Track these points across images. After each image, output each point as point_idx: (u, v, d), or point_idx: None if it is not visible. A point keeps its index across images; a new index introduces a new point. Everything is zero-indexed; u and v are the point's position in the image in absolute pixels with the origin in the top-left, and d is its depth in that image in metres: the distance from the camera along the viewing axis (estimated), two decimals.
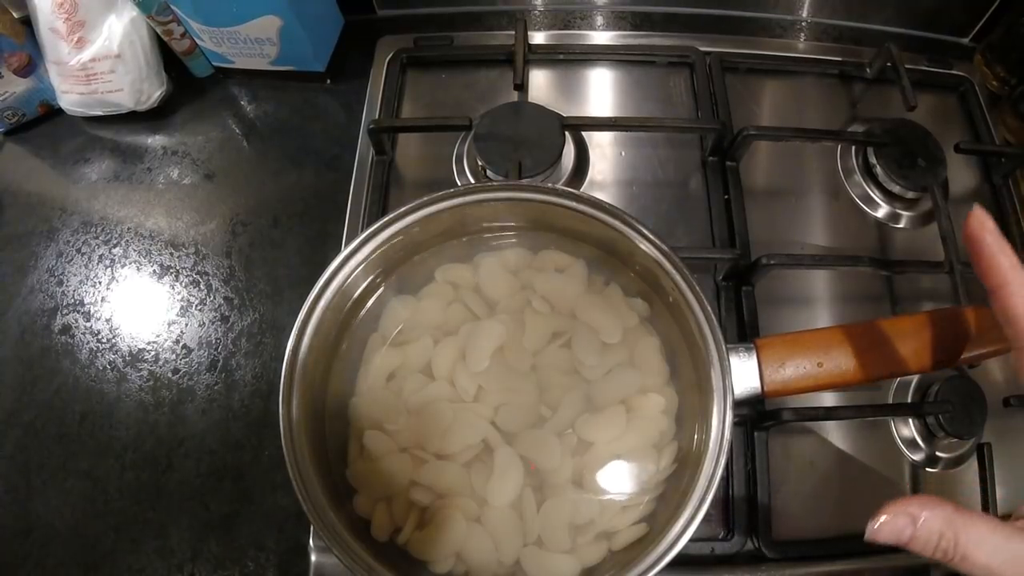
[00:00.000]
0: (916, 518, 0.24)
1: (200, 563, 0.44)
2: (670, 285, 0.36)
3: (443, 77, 0.57)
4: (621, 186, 0.53)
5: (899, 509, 0.24)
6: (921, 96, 0.52)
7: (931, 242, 0.49)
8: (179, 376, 0.49)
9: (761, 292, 0.48)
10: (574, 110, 0.52)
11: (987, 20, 0.59)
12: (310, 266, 0.52)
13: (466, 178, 0.52)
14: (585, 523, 0.36)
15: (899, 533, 0.24)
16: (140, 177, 0.57)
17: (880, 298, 0.49)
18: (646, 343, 0.39)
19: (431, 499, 0.36)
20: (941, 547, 0.24)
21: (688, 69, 0.57)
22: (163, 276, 0.53)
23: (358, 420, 0.38)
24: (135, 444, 0.47)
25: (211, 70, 0.60)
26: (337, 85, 0.60)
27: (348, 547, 0.32)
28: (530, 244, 0.42)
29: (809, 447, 0.45)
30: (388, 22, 0.62)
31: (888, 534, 0.24)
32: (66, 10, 0.54)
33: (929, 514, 0.24)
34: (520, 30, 0.54)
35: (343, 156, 0.55)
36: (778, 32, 0.62)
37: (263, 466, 0.46)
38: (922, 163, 0.50)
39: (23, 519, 0.45)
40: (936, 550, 0.24)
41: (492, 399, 0.38)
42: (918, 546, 0.24)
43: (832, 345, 0.34)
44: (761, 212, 0.51)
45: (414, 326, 0.40)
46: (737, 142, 0.50)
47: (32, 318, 0.52)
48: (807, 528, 0.43)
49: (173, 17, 0.54)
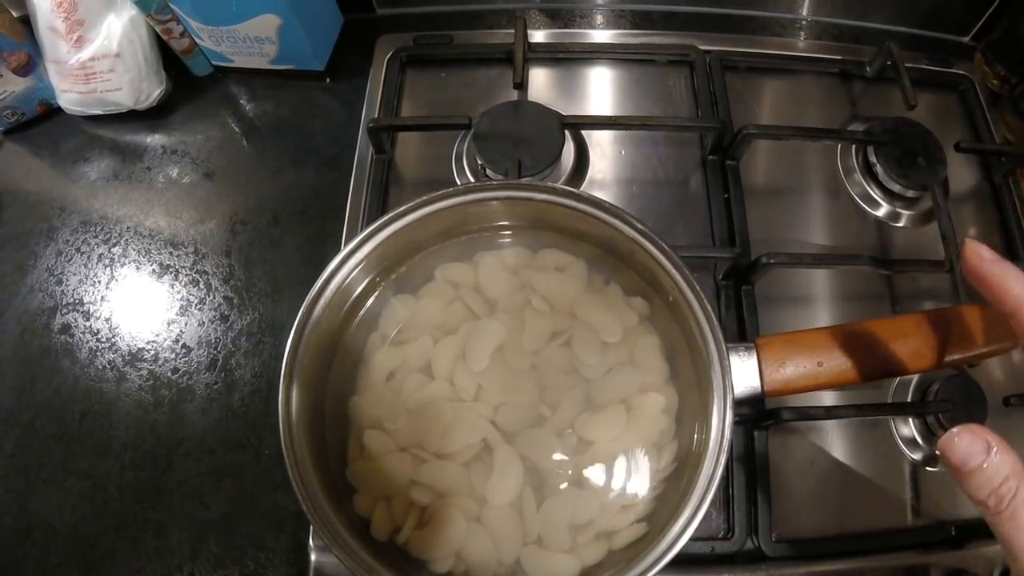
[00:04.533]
0: (991, 449, 0.22)
1: (200, 563, 0.44)
2: (670, 284, 0.36)
3: (443, 76, 0.57)
4: (621, 185, 0.52)
5: (980, 433, 0.23)
6: (921, 95, 0.52)
7: (931, 241, 0.49)
8: (179, 375, 0.49)
9: (761, 291, 0.48)
10: (574, 109, 0.52)
11: (987, 19, 0.59)
12: (309, 265, 0.52)
13: (466, 177, 0.52)
14: (585, 522, 0.36)
15: (972, 455, 0.23)
16: (139, 176, 0.57)
17: (880, 297, 0.49)
18: (646, 342, 0.39)
19: (431, 498, 0.36)
20: (1000, 492, 0.22)
21: (688, 68, 0.57)
22: (163, 275, 0.53)
23: (358, 419, 0.38)
24: (135, 443, 0.47)
25: (210, 69, 0.60)
26: (336, 84, 0.60)
27: (348, 547, 0.32)
28: (530, 243, 0.42)
29: (809, 447, 0.45)
30: (387, 21, 0.62)
31: (962, 451, 0.23)
32: (65, 9, 0.54)
33: (1003, 455, 0.22)
34: (520, 28, 0.54)
35: (342, 155, 0.54)
36: (778, 31, 0.61)
37: (263, 466, 0.46)
38: (922, 162, 0.50)
39: (23, 519, 0.45)
40: (993, 494, 0.22)
41: (492, 398, 0.38)
42: (979, 480, 0.23)
43: (832, 345, 0.34)
44: (761, 211, 0.51)
45: (414, 325, 0.40)
46: (737, 141, 0.50)
47: (32, 317, 0.51)
48: (807, 527, 0.43)
49: (172, 16, 0.54)
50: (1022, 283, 0.24)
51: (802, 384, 0.34)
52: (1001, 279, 0.25)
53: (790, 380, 0.34)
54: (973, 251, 0.25)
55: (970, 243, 0.26)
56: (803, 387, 0.35)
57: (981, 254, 0.25)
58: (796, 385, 0.34)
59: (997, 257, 0.25)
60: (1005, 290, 0.25)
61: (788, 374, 0.34)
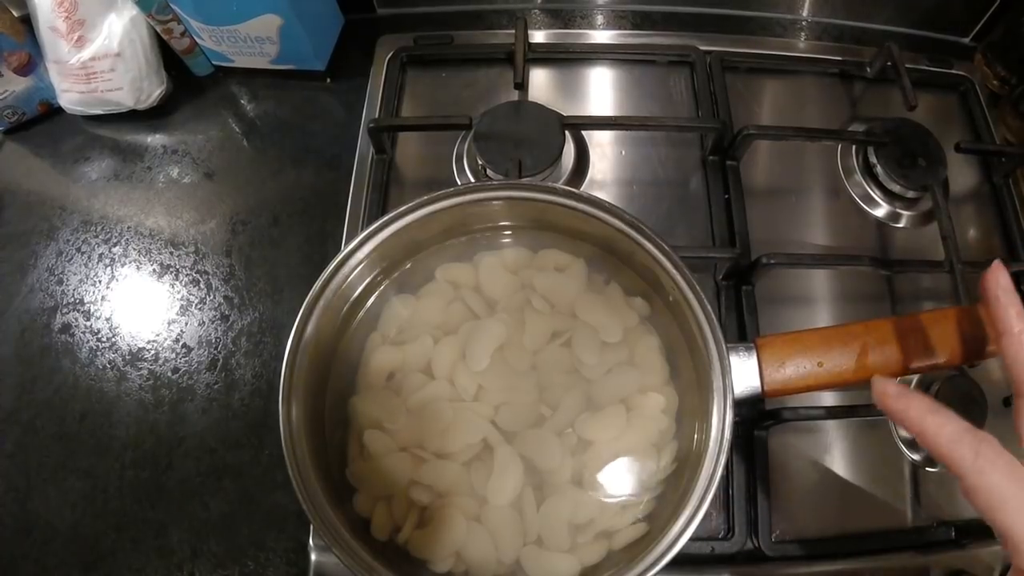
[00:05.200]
0: None
1: (200, 563, 0.44)
2: (670, 284, 0.36)
3: (443, 76, 0.57)
4: (621, 185, 0.52)
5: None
6: (921, 95, 0.52)
7: (931, 241, 0.49)
8: (179, 375, 0.49)
9: (761, 291, 0.48)
10: (574, 109, 0.52)
11: (987, 20, 0.59)
12: (310, 265, 0.52)
13: (466, 177, 0.52)
14: (585, 522, 0.36)
15: None
16: (140, 176, 0.57)
17: (880, 297, 0.49)
18: (646, 342, 0.39)
19: (431, 498, 0.36)
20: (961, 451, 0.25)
21: (688, 68, 0.57)
22: (163, 275, 0.53)
23: (358, 419, 0.38)
24: (135, 443, 0.47)
25: (211, 69, 0.60)
26: (337, 84, 0.60)
27: (348, 546, 0.32)
28: (530, 243, 0.42)
29: (809, 447, 0.45)
30: (388, 21, 0.62)
31: None
32: (66, 9, 0.54)
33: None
34: (520, 29, 0.54)
35: (343, 155, 0.54)
36: (778, 31, 0.62)
37: (263, 466, 0.46)
38: (922, 162, 0.50)
39: (23, 518, 0.45)
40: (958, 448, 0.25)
41: (492, 398, 0.38)
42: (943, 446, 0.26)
43: (832, 345, 0.34)
44: (761, 211, 0.51)
45: (414, 325, 0.40)
46: (737, 141, 0.50)
47: (32, 317, 0.51)
48: (807, 528, 0.43)
49: (173, 16, 0.54)
50: (1018, 311, 0.27)
51: (802, 384, 0.34)
52: (1002, 304, 0.27)
53: (790, 380, 0.34)
54: (995, 275, 0.28)
55: (997, 266, 0.28)
56: (803, 387, 0.35)
57: (1000, 281, 0.28)
58: (796, 385, 0.34)
59: (1011, 287, 0.28)
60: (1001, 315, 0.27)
61: (788, 374, 0.34)
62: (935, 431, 0.26)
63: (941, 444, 0.26)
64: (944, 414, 0.26)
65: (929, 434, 0.26)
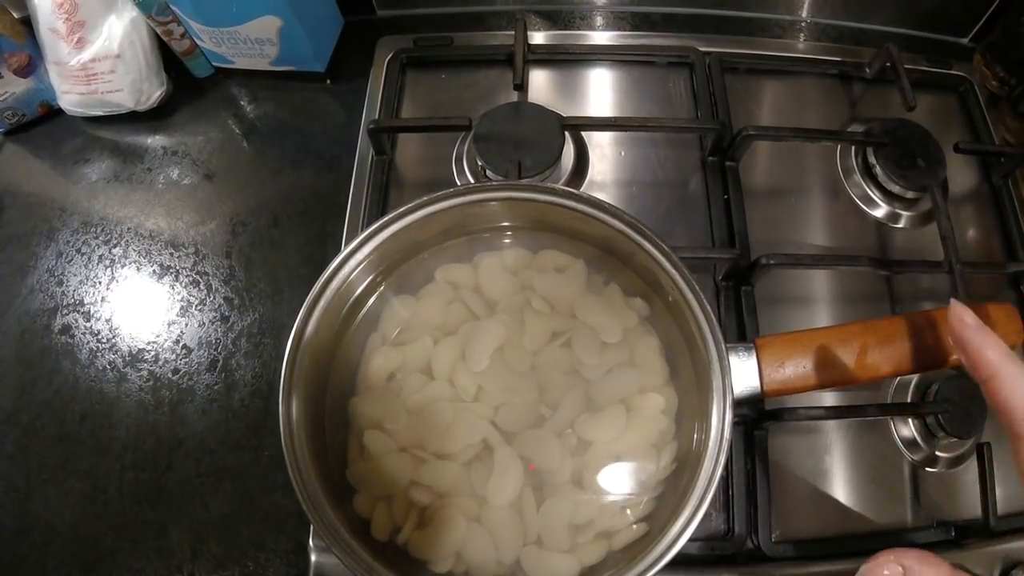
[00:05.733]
0: None
1: (200, 563, 0.44)
2: (670, 285, 0.36)
3: (443, 77, 0.57)
4: (621, 186, 0.53)
5: None
6: (921, 96, 0.52)
7: (931, 242, 0.49)
8: (179, 376, 0.49)
9: (761, 292, 0.48)
10: (574, 110, 0.52)
11: (987, 20, 0.59)
12: (310, 266, 0.52)
13: (466, 178, 0.52)
14: (585, 523, 0.36)
15: None
16: (140, 177, 0.57)
17: (880, 298, 0.49)
18: (646, 343, 0.39)
19: (431, 499, 0.36)
20: None
21: (688, 69, 0.57)
22: (163, 276, 0.53)
23: (358, 420, 0.38)
24: (135, 444, 0.47)
25: (211, 70, 0.60)
26: (337, 85, 0.60)
27: (348, 547, 0.32)
28: (530, 244, 0.42)
29: (809, 447, 0.45)
30: (388, 22, 0.62)
31: None
32: (66, 10, 0.54)
33: None
34: (520, 30, 0.54)
35: (343, 156, 0.55)
36: (778, 32, 0.62)
37: (263, 466, 0.46)
38: (921, 163, 0.50)
39: (23, 519, 0.45)
40: None
41: (492, 399, 0.38)
42: None
43: (832, 345, 0.34)
44: (761, 212, 0.51)
45: (414, 326, 0.40)
46: (737, 142, 0.51)
47: (32, 318, 0.52)
48: (807, 528, 0.43)
49: (173, 17, 0.54)
50: (999, 353, 0.25)
51: (802, 384, 0.34)
52: (978, 345, 0.26)
53: (789, 380, 0.34)
54: (957, 316, 0.27)
55: (955, 307, 0.27)
56: (803, 387, 0.35)
57: (964, 320, 0.26)
58: (796, 385, 0.34)
59: (979, 324, 0.26)
60: (982, 358, 0.26)
61: (788, 374, 0.34)
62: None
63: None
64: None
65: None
